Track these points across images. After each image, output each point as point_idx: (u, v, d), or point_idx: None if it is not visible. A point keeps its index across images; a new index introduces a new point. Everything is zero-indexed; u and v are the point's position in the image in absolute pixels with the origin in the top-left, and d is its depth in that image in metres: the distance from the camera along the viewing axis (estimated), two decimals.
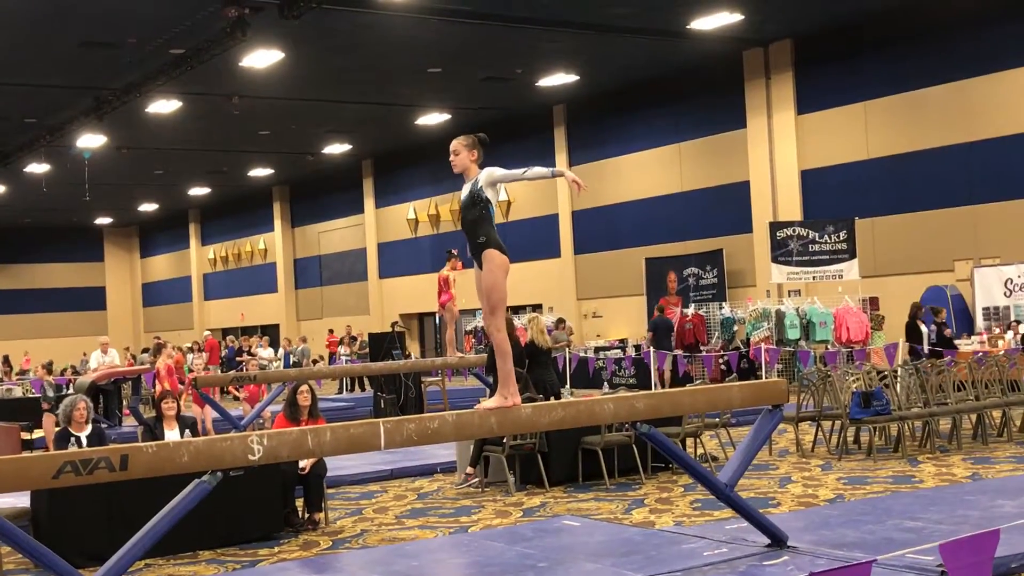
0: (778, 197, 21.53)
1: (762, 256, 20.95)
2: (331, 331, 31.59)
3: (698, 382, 15.94)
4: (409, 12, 17.48)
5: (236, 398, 19.30)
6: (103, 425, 12.85)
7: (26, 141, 25.87)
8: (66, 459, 4.91)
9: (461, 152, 6.35)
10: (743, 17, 19.17)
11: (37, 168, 28.07)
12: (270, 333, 34.83)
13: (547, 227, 26.91)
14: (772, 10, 19.21)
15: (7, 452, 14.18)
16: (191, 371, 22.06)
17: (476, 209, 6.16)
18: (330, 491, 9.86)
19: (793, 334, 19.06)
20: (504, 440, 10.41)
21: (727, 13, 18.89)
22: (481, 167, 6.32)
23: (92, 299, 45.46)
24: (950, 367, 12.67)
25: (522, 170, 6.22)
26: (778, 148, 21.54)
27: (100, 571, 5.09)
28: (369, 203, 33.15)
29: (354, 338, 29.00)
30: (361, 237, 33.67)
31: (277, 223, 37.57)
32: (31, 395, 20.86)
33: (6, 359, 30.01)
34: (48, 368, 20.93)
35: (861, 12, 19.45)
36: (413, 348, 30.68)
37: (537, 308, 25.57)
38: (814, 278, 19.89)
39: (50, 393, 16.71)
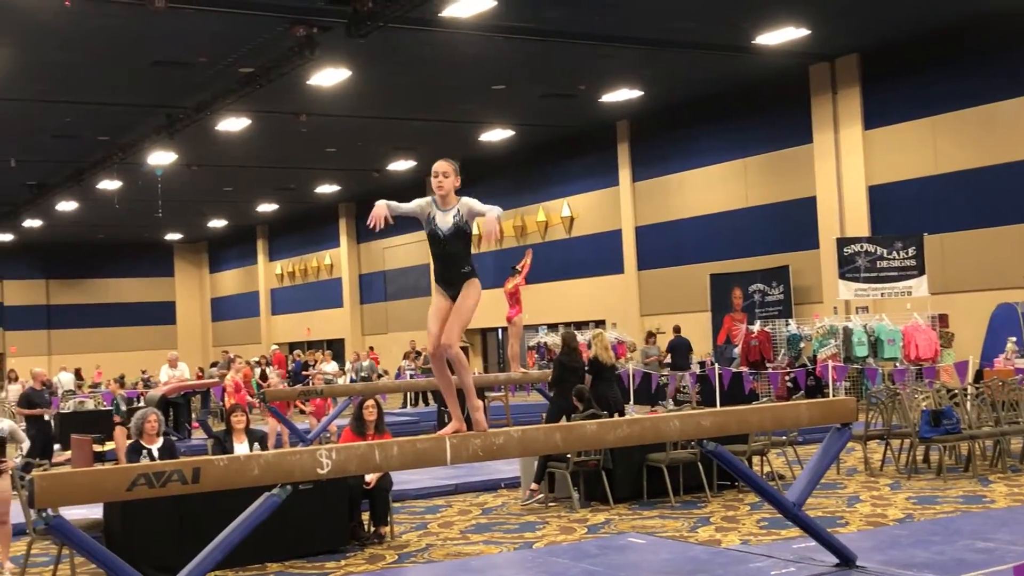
0: (845, 213, 21.31)
1: (829, 272, 20.73)
2: (371, 348, 31.84)
3: (764, 399, 15.81)
4: (474, 30, 17.59)
5: (302, 412, 19.48)
6: (173, 438, 13.05)
7: (99, 158, 26.38)
8: (140, 472, 5.01)
9: (451, 176, 6.20)
10: (809, 32, 19.03)
11: (110, 185, 28.61)
12: (335, 348, 35.13)
13: (611, 243, 26.87)
14: (839, 25, 19.05)
15: (80, 464, 14.48)
16: (260, 386, 22.31)
17: (460, 242, 6.10)
18: (395, 505, 9.92)
19: (861, 351, 18.83)
20: (568, 456, 10.41)
21: (793, 28, 18.77)
22: (457, 193, 6.22)
23: (162, 314, 46.17)
24: (1021, 385, 12.45)
25: (490, 207, 6.12)
26: (845, 163, 21.33)
27: None
28: None
29: (418, 353, 29.13)
30: (425, 253, 33.55)
31: (343, 239, 37.92)
32: (103, 408, 21.23)
33: (78, 372, 30.56)
34: (120, 382, 21.29)
35: (928, 26, 19.22)
36: (476, 363, 30.77)
37: (600, 324, 25.51)
38: (882, 295, 19.64)
39: (122, 407, 17.00)
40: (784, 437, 11.87)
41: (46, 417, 16.64)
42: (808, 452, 12.79)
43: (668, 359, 22.01)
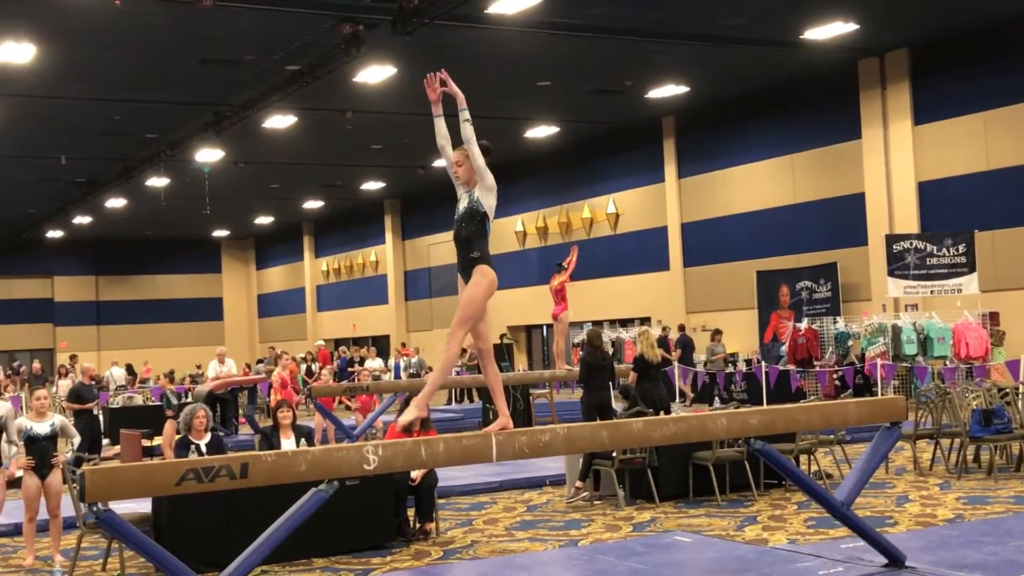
0: (894, 209, 21.07)
1: (878, 270, 20.52)
2: (403, 344, 31.83)
3: (812, 398, 15.68)
4: (520, 27, 17.57)
5: (348, 408, 19.59)
6: (221, 433, 13.15)
7: (147, 156, 26.64)
8: (189, 467, 5.04)
9: (464, 163, 6.11)
10: (858, 27, 18.83)
11: (157, 182, 28.89)
12: (380, 344, 35.25)
13: (656, 239, 26.76)
14: (888, 19, 18.83)
15: (129, 458, 14.64)
16: (306, 382, 22.45)
17: (473, 224, 6.01)
18: (440, 501, 9.94)
19: (910, 350, 18.63)
20: (614, 454, 10.38)
21: (842, 23, 18.58)
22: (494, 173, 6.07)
23: (210, 310, 46.56)
24: None
25: (474, 153, 6.07)
26: (894, 159, 21.09)
27: None
28: None
29: (463, 350, 29.17)
30: None
31: (388, 236, 38.04)
32: (151, 403, 21.46)
33: (129, 368, 30.91)
34: (170, 377, 21.52)
35: (979, 21, 18.95)
36: (521, 360, 30.77)
37: (645, 321, 25.43)
38: (932, 292, 19.42)
39: (174, 401, 17.19)
40: (832, 436, 11.77)
41: (94, 411, 16.82)
42: (856, 451, 12.68)
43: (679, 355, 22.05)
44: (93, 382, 16.50)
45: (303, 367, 26.85)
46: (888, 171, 21.16)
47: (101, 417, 20.54)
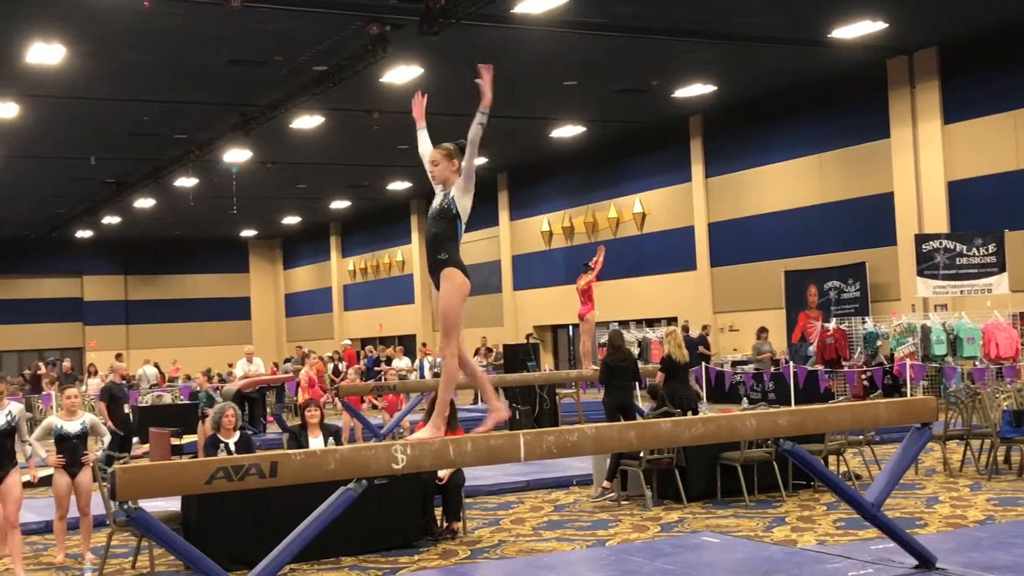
0: (923, 209, 20.92)
1: (907, 269, 20.39)
2: (424, 344, 31.73)
3: (841, 398, 15.60)
4: (546, 26, 17.56)
5: (375, 407, 19.63)
6: (249, 432, 13.21)
7: (176, 156, 26.79)
8: (218, 465, 5.06)
9: (440, 163, 5.94)
10: (887, 25, 18.72)
11: (186, 182, 29.05)
12: (407, 343, 35.31)
13: (683, 239, 26.69)
14: (917, 18, 18.71)
15: (158, 457, 14.72)
16: (333, 381, 22.51)
17: (443, 223, 5.83)
18: (467, 501, 9.95)
19: (939, 350, 18.49)
20: (641, 454, 10.36)
21: (870, 22, 18.48)
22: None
23: (237, 309, 46.77)
24: None
25: (467, 149, 5.85)
26: (923, 158, 20.94)
27: (249, 575, 5.22)
28: (504, 216, 33.39)
29: (489, 349, 29.19)
30: (496, 249, 33.92)
31: (414, 235, 38.10)
32: (180, 402, 21.59)
33: (157, 367, 31.08)
34: (208, 375, 21.65)
35: (1009, 19, 18.80)
36: (547, 360, 30.75)
37: (672, 321, 25.36)
38: (961, 292, 19.27)
39: (215, 399, 17.28)
40: (861, 437, 11.71)
41: (126, 409, 16.88)
42: (885, 452, 12.61)
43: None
44: (124, 381, 16.58)
45: (330, 366, 26.93)
46: (917, 170, 21.02)
47: (131, 416, 20.68)
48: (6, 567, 8.45)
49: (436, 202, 5.91)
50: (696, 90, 22.79)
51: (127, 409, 16.09)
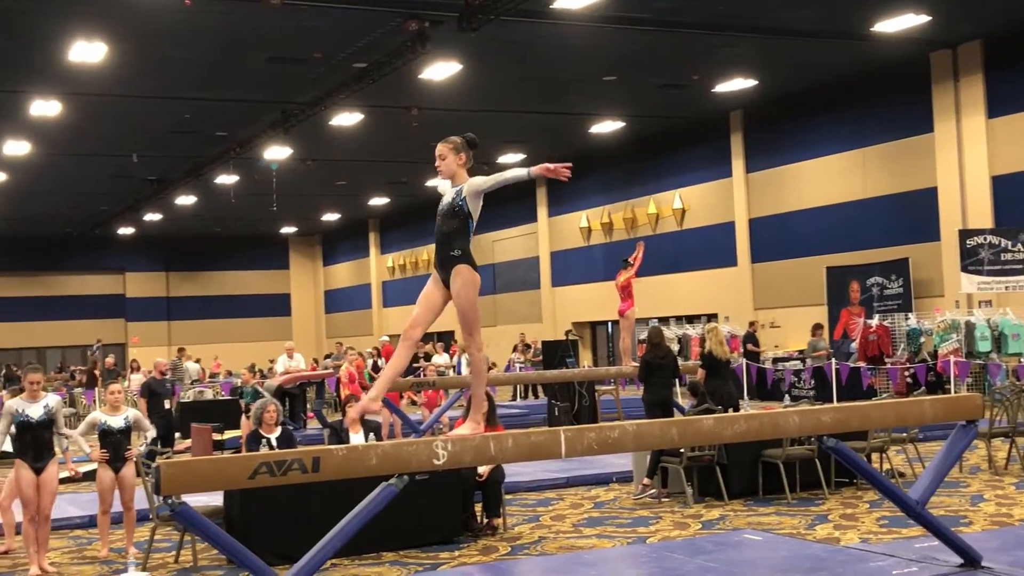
0: (967, 204, 20.68)
1: (950, 265, 20.17)
2: (454, 342, 31.51)
3: (884, 395, 15.46)
4: (586, 21, 17.52)
5: (414, 403, 19.68)
6: (290, 427, 13.26)
7: (217, 154, 26.97)
8: (261, 460, 5.08)
9: (447, 156, 5.97)
10: (930, 18, 18.51)
11: (227, 179, 29.23)
12: (445, 340, 35.38)
13: (723, 235, 26.54)
14: (960, 11, 18.49)
15: (200, 452, 14.82)
16: (372, 377, 22.54)
17: (456, 220, 5.87)
18: (507, 497, 9.94)
19: (984, 346, 18.29)
20: (682, 451, 10.31)
21: (913, 15, 18.28)
22: (470, 172, 6.00)
23: (277, 305, 47.04)
24: None
25: (500, 173, 5.89)
26: (968, 153, 20.69)
27: (292, 569, 5.24)
28: (542, 212, 33.35)
29: (527, 346, 29.19)
30: (534, 245, 33.90)
31: None
32: (222, 398, 21.73)
33: (198, 362, 31.30)
34: (252, 370, 21.81)
35: None
36: (585, 357, 30.70)
37: (712, 317, 25.23)
38: (1006, 288, 19.04)
39: (264, 395, 17.35)
40: (904, 434, 11.59)
41: (167, 405, 16.97)
42: (928, 449, 12.48)
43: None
44: (165, 376, 16.70)
45: (369, 362, 27.02)
46: (961, 165, 20.78)
47: (173, 411, 20.85)
48: (16, 563, 8.52)
49: (447, 199, 5.93)
50: (737, 84, 22.65)
51: (168, 404, 16.15)
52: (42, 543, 8.53)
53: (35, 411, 8.62)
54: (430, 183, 34.18)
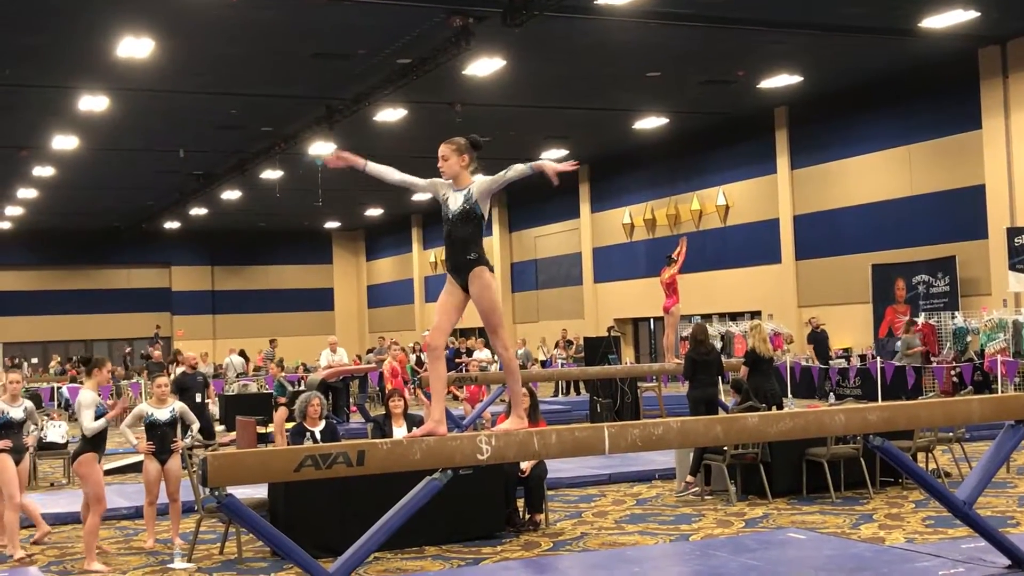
0: (1016, 201, 20.40)
1: (998, 263, 19.92)
2: (481, 340, 31.22)
3: (930, 395, 15.31)
4: (630, 17, 17.44)
5: (455, 398, 19.73)
6: (334, 421, 13.33)
7: (262, 149, 27.15)
8: (307, 453, 5.12)
9: (450, 157, 5.94)
10: (979, 14, 18.27)
11: (271, 174, 29.41)
12: (486, 335, 35.43)
13: (767, 232, 26.37)
14: (1010, 6, 18.22)
15: (245, 444, 14.94)
16: (415, 372, 22.64)
17: (470, 225, 5.82)
18: (549, 493, 9.94)
19: None
20: (725, 449, 10.26)
21: (961, 10, 18.04)
22: (473, 174, 5.93)
23: (321, 300, 47.31)
24: None
25: (503, 172, 5.83)
26: (1016, 150, 20.41)
27: (338, 562, 5.28)
28: (585, 208, 33.30)
29: (569, 342, 29.17)
30: (577, 242, 33.86)
31: (495, 227, 38.19)
32: (265, 391, 21.89)
33: (242, 353, 31.56)
34: (281, 365, 21.94)
35: None
36: (627, 353, 30.63)
37: (756, 315, 25.08)
38: None
39: (289, 388, 17.42)
40: (951, 434, 11.47)
41: (198, 399, 16.93)
42: (974, 449, 12.34)
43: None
44: (194, 371, 16.76)
45: (412, 357, 27.13)
46: (1010, 162, 20.50)
47: (214, 405, 21.03)
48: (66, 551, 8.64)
49: (456, 204, 5.87)
50: (782, 81, 22.48)
51: (200, 398, 16.12)
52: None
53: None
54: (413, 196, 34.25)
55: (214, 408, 17.65)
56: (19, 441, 9.18)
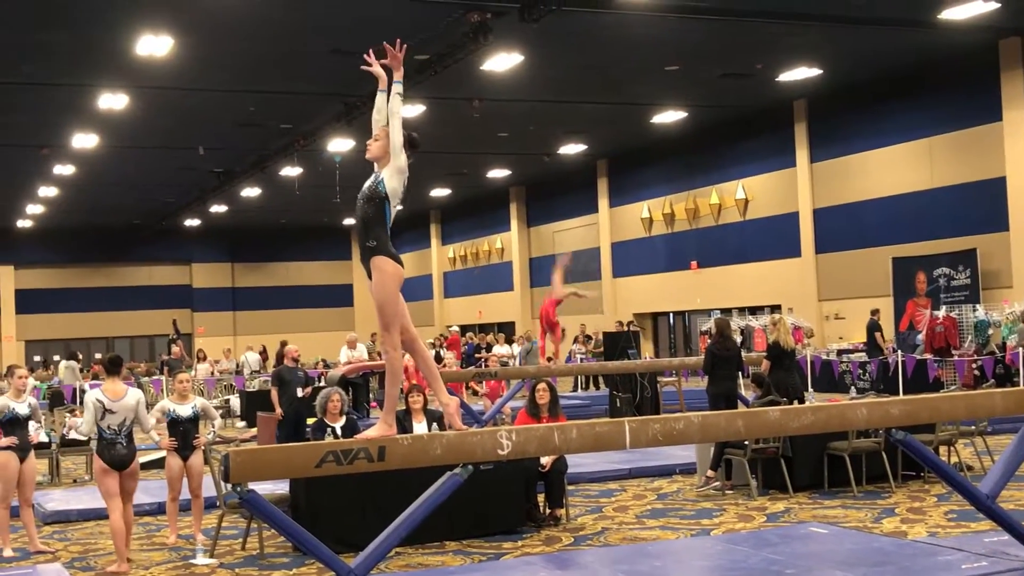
0: None
1: (1019, 256, 19.81)
2: (489, 340, 31.07)
3: (952, 388, 15.24)
4: (648, 11, 17.41)
5: (475, 393, 19.74)
6: (354, 417, 13.35)
7: (281, 146, 27.22)
8: (328, 449, 5.14)
9: (381, 138, 5.65)
10: (999, 5, 18.16)
11: (291, 171, 29.49)
12: (506, 331, 35.43)
13: (787, 225, 26.29)
14: None
15: (265, 440, 15.00)
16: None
17: (371, 205, 5.48)
18: (570, 488, 9.94)
19: None
20: (746, 443, 10.24)
21: (981, 1, 17.93)
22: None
23: (341, 296, 47.39)
24: None
25: (393, 117, 5.59)
26: None
27: (359, 557, 5.30)
28: (603, 202, 33.25)
29: (588, 337, 29.15)
30: (595, 236, 33.81)
31: (513, 223, 38.19)
32: None
33: (264, 350, 31.68)
34: (295, 361, 21.93)
35: None
36: (647, 348, 30.59)
37: (776, 309, 25.02)
38: None
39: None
40: (973, 427, 11.42)
41: (299, 393, 16.83)
42: (997, 443, 12.27)
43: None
44: (296, 364, 16.73)
45: (432, 353, 27.14)
46: None
47: (234, 401, 21.15)
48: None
49: (367, 182, 5.59)
50: (801, 73, 22.40)
51: (299, 392, 16.05)
52: (126, 530, 8.75)
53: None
54: (491, 175, 34.25)
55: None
56: (24, 438, 9.17)
